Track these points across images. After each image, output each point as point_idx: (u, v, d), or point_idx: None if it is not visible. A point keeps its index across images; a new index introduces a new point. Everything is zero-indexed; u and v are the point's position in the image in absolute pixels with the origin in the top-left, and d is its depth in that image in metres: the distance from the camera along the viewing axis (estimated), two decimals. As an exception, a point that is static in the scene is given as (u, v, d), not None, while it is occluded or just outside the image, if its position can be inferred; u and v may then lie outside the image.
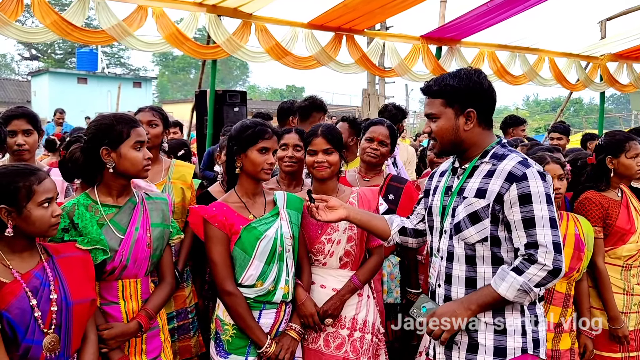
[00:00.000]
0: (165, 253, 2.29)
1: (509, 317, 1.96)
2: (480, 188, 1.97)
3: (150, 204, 2.27)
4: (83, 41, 6.48)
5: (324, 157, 2.52)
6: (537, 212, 1.88)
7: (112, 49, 38.44)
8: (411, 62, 8.25)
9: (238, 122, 2.45)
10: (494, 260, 1.97)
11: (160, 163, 3.04)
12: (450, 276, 2.04)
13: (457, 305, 1.97)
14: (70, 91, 24.66)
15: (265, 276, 2.30)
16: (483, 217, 1.95)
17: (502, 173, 1.94)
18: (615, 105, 42.18)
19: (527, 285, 1.87)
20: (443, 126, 2.03)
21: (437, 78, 2.08)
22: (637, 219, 3.01)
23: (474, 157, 2.05)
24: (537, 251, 1.87)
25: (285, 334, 2.36)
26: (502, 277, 1.91)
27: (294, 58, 7.35)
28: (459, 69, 2.08)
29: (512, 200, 1.90)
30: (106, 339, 2.06)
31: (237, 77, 49.00)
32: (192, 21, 6.73)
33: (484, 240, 1.96)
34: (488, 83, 2.02)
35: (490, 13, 7.42)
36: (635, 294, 2.97)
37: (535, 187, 1.89)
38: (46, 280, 1.85)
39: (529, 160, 1.97)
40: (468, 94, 1.98)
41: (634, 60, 10.11)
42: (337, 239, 2.51)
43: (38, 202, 1.83)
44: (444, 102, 2.02)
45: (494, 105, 2.05)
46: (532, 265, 1.87)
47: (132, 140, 2.14)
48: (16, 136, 2.81)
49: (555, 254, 1.86)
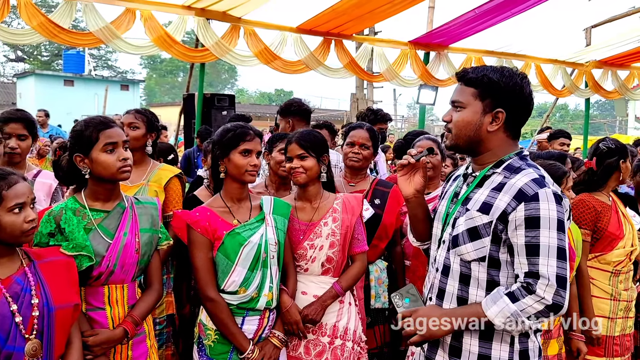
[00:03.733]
0: (153, 259, 2.27)
1: (496, 347, 1.77)
2: (486, 202, 1.77)
3: (140, 209, 2.25)
4: (70, 43, 6.44)
5: (298, 162, 2.51)
6: (543, 239, 1.67)
7: (100, 52, 38.16)
8: (399, 67, 8.31)
9: (220, 127, 2.44)
10: (489, 285, 1.77)
11: (145, 165, 3.01)
12: (443, 291, 1.86)
13: (441, 314, 1.80)
14: (56, 93, 24.42)
15: (248, 283, 2.28)
16: (483, 235, 1.76)
17: (511, 189, 1.73)
18: (600, 111, 42.73)
19: (518, 315, 1.68)
20: (466, 118, 1.82)
21: (477, 66, 1.87)
22: (626, 224, 3.06)
23: (487, 164, 1.84)
24: (537, 282, 1.67)
25: (267, 341, 2.34)
26: (494, 299, 1.72)
27: (282, 62, 7.37)
28: (503, 66, 1.86)
29: (518, 222, 1.69)
30: (91, 346, 2.03)
31: (226, 81, 48.90)
32: (181, 24, 6.72)
33: (481, 260, 1.77)
34: (530, 91, 1.82)
35: (477, 19, 7.50)
36: (622, 300, 3.00)
37: (547, 210, 1.67)
38: (27, 285, 1.81)
39: (547, 179, 1.75)
40: (504, 92, 1.77)
41: (618, 67, 10.27)
42: (319, 245, 2.50)
43: (8, 208, 1.78)
44: (476, 92, 1.80)
45: (527, 114, 1.84)
46: (528, 295, 1.67)
47: (101, 143, 2.09)
48: (10, 139, 2.79)
49: (558, 289, 1.66)
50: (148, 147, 3.05)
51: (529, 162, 1.83)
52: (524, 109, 1.82)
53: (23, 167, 2.83)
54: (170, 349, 2.97)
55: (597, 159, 3.09)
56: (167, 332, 2.95)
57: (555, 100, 11.78)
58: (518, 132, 1.86)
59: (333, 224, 2.53)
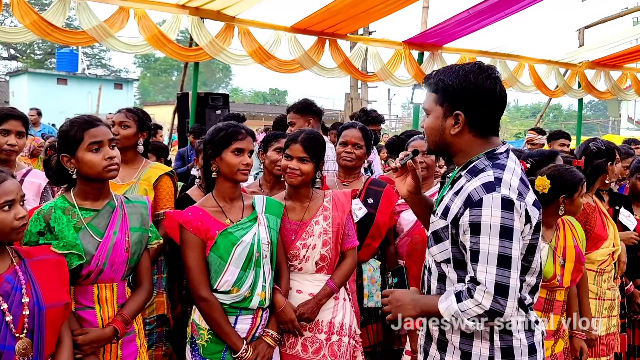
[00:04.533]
0: (143, 258, 2.26)
1: (476, 344, 1.78)
2: (447, 206, 1.78)
3: (130, 208, 2.24)
4: (63, 42, 6.42)
5: (298, 164, 2.51)
6: (483, 245, 1.64)
7: (93, 50, 37.96)
8: (393, 67, 8.32)
9: (212, 127, 2.44)
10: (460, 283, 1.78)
11: (137, 164, 3.01)
12: (430, 289, 1.92)
13: (409, 299, 1.86)
14: (49, 92, 24.26)
15: (241, 282, 2.28)
16: (444, 238, 1.79)
17: (463, 193, 1.72)
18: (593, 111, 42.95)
19: (459, 315, 1.70)
20: (430, 124, 1.83)
21: (438, 70, 1.85)
22: (608, 225, 3.07)
23: (461, 165, 1.84)
24: (475, 287, 1.66)
25: (261, 340, 2.34)
26: (446, 295, 1.75)
27: (277, 61, 7.37)
28: (464, 64, 1.82)
29: (464, 227, 1.70)
30: (81, 345, 2.02)
31: (220, 80, 48.78)
32: (175, 23, 6.71)
33: (447, 262, 1.80)
34: (491, 85, 1.74)
35: (471, 20, 7.53)
36: (607, 299, 3.03)
37: (488, 217, 1.64)
38: (18, 284, 1.81)
39: (503, 182, 1.68)
40: (458, 94, 1.74)
41: (611, 67, 10.34)
42: (312, 244, 2.51)
43: None
44: (436, 97, 1.80)
45: (494, 111, 1.78)
46: (469, 299, 1.67)
47: (86, 142, 2.09)
48: (9, 136, 2.77)
49: (496, 296, 1.63)
50: (140, 145, 3.04)
51: (497, 161, 1.76)
52: (487, 105, 1.75)
53: (13, 165, 2.81)
54: (160, 349, 2.96)
55: (586, 159, 3.09)
56: (157, 332, 2.94)
57: (549, 101, 11.83)
58: (488, 129, 1.80)
59: (324, 222, 2.54)
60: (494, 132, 1.82)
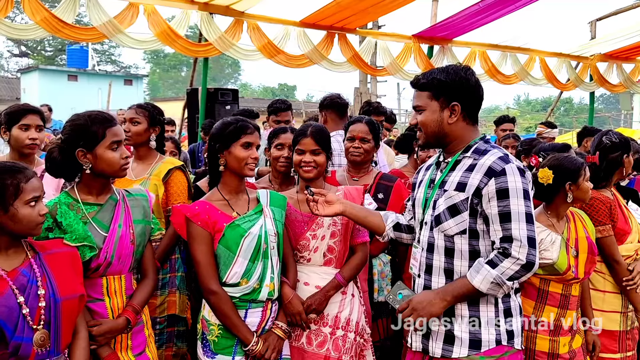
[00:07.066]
0: (146, 249, 2.29)
1: (483, 309, 2.03)
2: (461, 182, 2.04)
3: (131, 201, 2.27)
4: (73, 38, 6.45)
5: (312, 157, 2.53)
6: (513, 207, 1.94)
7: (103, 46, 38.16)
8: (403, 61, 8.28)
9: (218, 121, 2.46)
10: (471, 254, 2.04)
11: (150, 159, 3.02)
12: (431, 267, 2.11)
13: (434, 295, 2.04)
14: (60, 88, 24.43)
15: (250, 274, 2.30)
16: (462, 210, 2.02)
17: (482, 168, 2.00)
18: (605, 105, 42.46)
19: (500, 279, 1.94)
20: (428, 118, 2.09)
21: (425, 72, 2.15)
22: (631, 218, 3.01)
23: (457, 152, 2.10)
24: (511, 245, 1.93)
25: (271, 333, 2.35)
26: (477, 269, 1.98)
27: (286, 56, 7.36)
28: (447, 65, 2.15)
29: (490, 195, 1.96)
30: (95, 336, 2.06)
31: (229, 75, 48.83)
32: (184, 19, 6.72)
33: (462, 233, 2.03)
34: (475, 80, 2.08)
35: (481, 13, 7.47)
36: None
37: (514, 182, 1.94)
38: (33, 277, 1.84)
39: (510, 157, 2.03)
40: (454, 88, 2.04)
41: (623, 60, 10.22)
42: (321, 235, 2.53)
43: (25, 201, 1.81)
44: (430, 94, 2.07)
45: (479, 102, 2.11)
46: (505, 259, 1.94)
47: (108, 140, 2.11)
48: (29, 130, 2.80)
49: (530, 248, 1.93)
50: (152, 141, 3.05)
51: (492, 144, 2.10)
52: (475, 97, 2.08)
53: (32, 161, 2.84)
54: (171, 349, 2.93)
55: (600, 154, 2.98)
56: (167, 332, 2.92)
57: (560, 94, 11.72)
58: (475, 118, 2.13)
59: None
60: (477, 122, 2.16)
